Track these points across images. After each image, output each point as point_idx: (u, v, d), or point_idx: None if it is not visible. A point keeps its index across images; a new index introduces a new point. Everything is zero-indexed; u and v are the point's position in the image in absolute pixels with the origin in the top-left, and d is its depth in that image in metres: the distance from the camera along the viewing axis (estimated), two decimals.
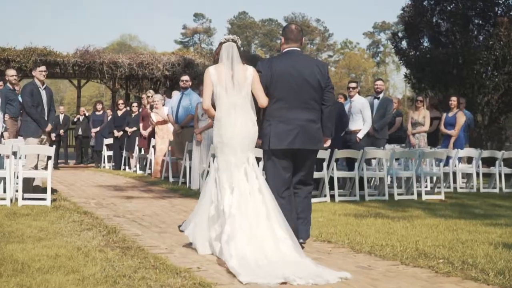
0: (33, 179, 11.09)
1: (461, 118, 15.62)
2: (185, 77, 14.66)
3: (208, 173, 8.22)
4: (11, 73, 12.94)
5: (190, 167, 13.64)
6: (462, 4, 24.56)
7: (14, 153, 10.26)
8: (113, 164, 20.27)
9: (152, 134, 17.15)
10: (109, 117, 21.05)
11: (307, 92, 6.94)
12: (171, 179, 15.10)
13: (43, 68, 11.19)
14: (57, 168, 21.13)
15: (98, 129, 21.23)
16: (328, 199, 11.83)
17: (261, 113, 7.07)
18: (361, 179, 12.39)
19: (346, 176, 12.70)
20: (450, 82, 23.99)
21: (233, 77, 6.68)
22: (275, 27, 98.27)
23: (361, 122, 13.09)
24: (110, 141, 20.37)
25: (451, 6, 25.13)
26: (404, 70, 27.50)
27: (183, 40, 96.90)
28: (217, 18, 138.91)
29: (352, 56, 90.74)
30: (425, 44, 26.01)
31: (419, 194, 12.80)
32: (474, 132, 21.92)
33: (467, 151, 15.37)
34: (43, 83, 11.32)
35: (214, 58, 7.05)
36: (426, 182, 14.13)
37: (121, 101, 20.68)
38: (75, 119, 23.00)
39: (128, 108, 20.10)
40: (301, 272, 5.66)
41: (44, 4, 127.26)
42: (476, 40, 24.71)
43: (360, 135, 12.98)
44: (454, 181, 14.80)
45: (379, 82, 14.59)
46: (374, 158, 13.58)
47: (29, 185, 10.95)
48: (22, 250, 6.47)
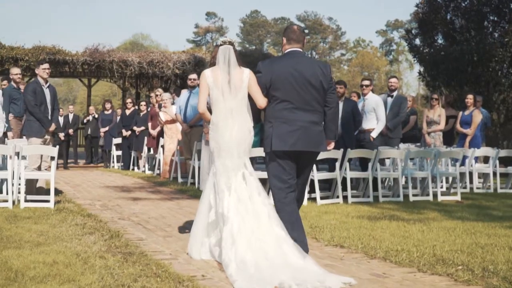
0: (37, 180, 10.79)
1: (478, 117, 15.24)
2: (193, 76, 14.26)
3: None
4: (15, 71, 12.64)
5: (199, 167, 13.30)
6: (477, 1, 24.21)
7: (17, 154, 9.96)
8: (122, 164, 20.00)
9: (161, 134, 16.84)
10: (118, 117, 20.74)
11: (309, 93, 6.75)
12: (179, 180, 14.81)
13: (46, 65, 10.89)
14: (66, 168, 20.98)
15: (107, 128, 20.94)
16: (340, 200, 11.48)
17: (261, 114, 7.00)
18: (374, 180, 12.04)
19: (359, 176, 12.33)
20: (465, 80, 23.65)
21: (230, 82, 6.57)
22: (288, 25, 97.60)
23: (374, 121, 12.70)
24: (119, 140, 20.10)
25: (466, 3, 24.78)
26: (418, 68, 27.03)
27: (195, 39, 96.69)
28: (229, 17, 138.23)
29: (365, 54, 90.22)
30: (439, 41, 25.68)
31: (434, 195, 12.42)
32: (490, 131, 21.49)
33: (484, 150, 14.93)
34: (47, 81, 11.01)
35: (211, 61, 6.93)
36: (441, 182, 13.76)
37: (129, 100, 20.36)
38: (85, 120, 22.66)
39: (136, 107, 19.79)
40: (300, 277, 5.54)
41: (56, 3, 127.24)
42: (491, 37, 24.32)
43: (374, 134, 12.59)
44: (471, 181, 14.39)
45: (393, 80, 14.19)
46: (388, 158, 13.21)
47: (32, 187, 10.67)
48: (18, 257, 6.19)
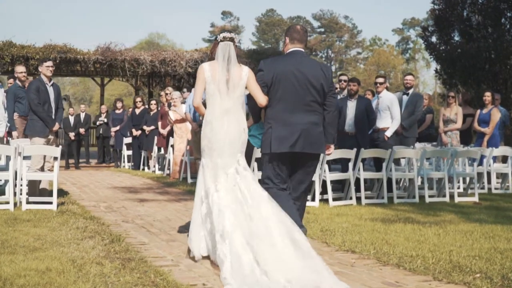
0: (40, 181, 10.48)
1: (496, 115, 14.81)
2: None
3: None
4: (20, 69, 12.34)
5: None
6: None
7: (19, 154, 9.66)
8: (132, 164, 19.70)
9: (171, 133, 16.54)
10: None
11: (310, 94, 6.75)
12: (189, 180, 14.53)
13: (50, 63, 10.57)
14: (78, 168, 20.78)
15: (117, 128, 20.66)
16: (354, 201, 11.11)
17: (262, 113, 6.92)
18: (389, 180, 11.64)
19: (373, 177, 11.95)
20: (482, 77, 23.25)
21: (228, 81, 6.45)
22: (303, 24, 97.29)
23: (389, 120, 12.30)
24: (129, 140, 19.83)
25: None
26: (434, 66, 26.57)
27: (211, 38, 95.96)
28: (245, 15, 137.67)
29: (381, 53, 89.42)
30: (456, 39, 25.21)
31: (451, 196, 12.03)
32: (509, 129, 20.99)
33: (502, 150, 14.45)
34: (50, 79, 10.69)
35: (209, 56, 6.82)
36: (458, 183, 13.33)
37: (138, 99, 20.07)
38: (98, 123, 22.36)
39: (146, 106, 19.51)
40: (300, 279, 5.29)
41: (71, 2, 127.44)
42: (509, 34, 23.84)
43: (388, 133, 12.18)
44: (489, 182, 13.99)
45: (409, 77, 13.76)
46: (404, 158, 12.81)
47: (35, 188, 10.38)
48: (10, 263, 5.89)
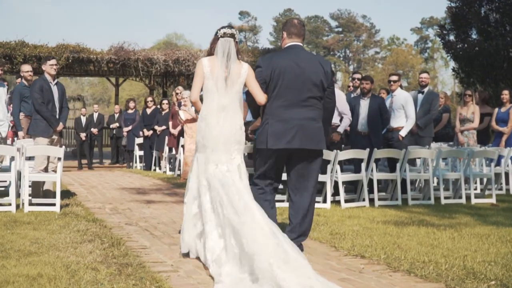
0: (44, 182, 10.23)
1: None
2: None
3: None
4: (26, 68, 12.10)
5: None
6: None
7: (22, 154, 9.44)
8: (144, 164, 19.47)
9: (182, 133, 16.26)
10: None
11: (308, 89, 6.56)
12: None
13: (53, 61, 10.31)
14: (91, 168, 20.60)
15: (130, 128, 20.44)
16: (366, 203, 10.78)
17: (261, 110, 6.78)
18: (404, 181, 11.28)
19: (386, 178, 11.61)
20: (500, 76, 22.89)
21: (227, 78, 6.34)
22: (321, 24, 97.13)
23: (403, 119, 11.93)
24: (141, 140, 19.62)
25: None
26: (452, 64, 26.16)
27: None
28: (263, 16, 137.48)
29: (399, 52, 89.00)
30: (473, 36, 24.79)
31: (468, 198, 11.70)
32: None
33: None
34: (54, 78, 10.44)
35: (208, 51, 6.61)
36: (475, 184, 12.97)
37: (149, 99, 19.86)
38: (112, 126, 22.15)
39: (158, 106, 19.28)
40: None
41: (89, 4, 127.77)
42: None
43: (403, 133, 11.82)
44: (507, 183, 13.57)
45: (424, 75, 13.40)
46: (419, 158, 12.45)
47: (38, 189, 10.13)
48: (1, 268, 5.66)
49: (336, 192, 10.84)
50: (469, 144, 13.99)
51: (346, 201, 10.77)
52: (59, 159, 9.72)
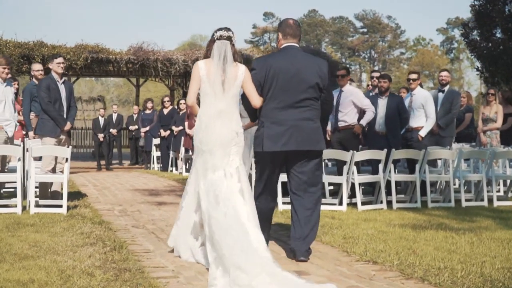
0: (51, 183, 9.99)
1: None
2: None
3: (250, 175, 8.46)
4: (36, 67, 11.89)
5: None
6: None
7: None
8: (161, 165, 19.24)
9: None
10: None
11: (303, 90, 6.47)
12: None
13: (60, 59, 10.07)
14: (109, 169, 20.42)
15: (147, 128, 20.24)
16: (384, 206, 10.44)
17: (258, 113, 6.72)
18: (424, 183, 10.89)
19: (405, 179, 11.23)
20: None
21: (224, 82, 6.22)
22: (346, 24, 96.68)
23: (423, 118, 11.53)
24: (158, 141, 19.38)
25: None
26: (477, 64, 25.69)
27: (253, 39, 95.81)
28: (287, 16, 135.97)
29: (425, 53, 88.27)
30: (498, 35, 24.24)
31: (490, 200, 11.27)
32: None
33: None
34: (62, 77, 10.20)
35: (205, 54, 6.49)
36: (498, 186, 12.55)
37: (166, 99, 19.63)
38: (132, 128, 21.98)
39: (175, 106, 19.04)
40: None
41: (114, 5, 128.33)
42: None
43: (422, 133, 11.43)
44: None
45: (444, 73, 13.00)
46: (440, 159, 12.06)
47: (46, 191, 9.89)
48: None
49: (353, 194, 10.50)
50: (492, 144, 13.54)
51: (363, 203, 10.43)
52: (66, 159, 9.50)
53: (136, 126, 21.47)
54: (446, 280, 5.45)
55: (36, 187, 10.02)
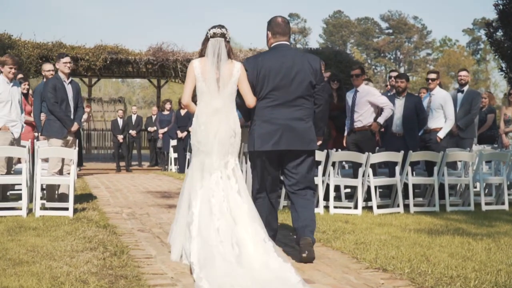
0: (59, 186, 9.79)
1: None
2: None
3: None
4: (47, 67, 11.69)
5: (246, 171, 12.10)
6: None
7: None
8: (178, 167, 19.03)
9: None
10: None
11: (295, 89, 6.44)
12: None
13: (67, 59, 9.87)
14: (129, 170, 20.28)
15: (165, 129, 20.05)
16: (401, 209, 10.10)
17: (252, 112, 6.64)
18: (442, 186, 10.54)
19: (423, 182, 10.91)
20: None
21: (219, 80, 6.19)
22: (371, 25, 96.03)
23: (442, 119, 11.21)
24: (175, 142, 19.19)
25: None
26: (501, 64, 25.12)
27: None
28: (312, 18, 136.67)
29: (451, 53, 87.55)
30: None
31: (511, 204, 10.90)
32: None
33: None
34: (69, 77, 9.99)
35: (200, 53, 6.45)
36: None
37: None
38: (150, 129, 21.82)
39: None
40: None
41: (140, 7, 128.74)
42: None
43: (441, 134, 11.09)
44: None
45: (463, 73, 12.63)
46: (460, 161, 11.70)
47: (53, 193, 9.69)
48: None
49: (368, 197, 10.19)
50: None
51: (380, 207, 10.14)
52: (74, 161, 9.31)
53: (154, 128, 21.31)
54: None
55: (44, 189, 9.83)
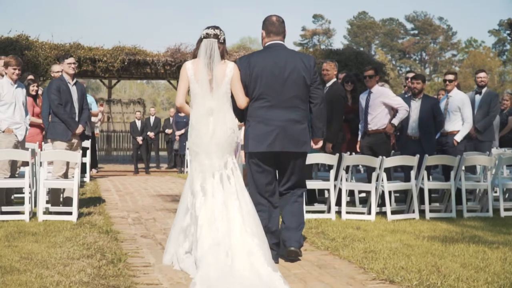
0: (63, 190, 9.56)
1: None
2: None
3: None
4: (56, 69, 11.49)
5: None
6: None
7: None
8: None
9: None
10: None
11: (289, 89, 6.38)
12: None
13: (71, 60, 9.64)
14: (147, 172, 20.09)
15: (182, 131, 19.84)
16: (416, 215, 9.75)
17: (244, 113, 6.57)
18: (459, 191, 10.17)
19: (439, 187, 10.54)
20: None
21: (212, 80, 6.14)
22: (396, 26, 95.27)
23: (459, 122, 10.88)
24: None
25: None
26: None
27: (302, 42, 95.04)
28: (337, 19, 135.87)
29: (477, 55, 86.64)
30: None
31: None
32: None
33: None
34: (73, 78, 9.76)
35: (193, 54, 6.41)
36: None
37: None
38: (167, 131, 21.64)
39: None
40: None
41: (164, 8, 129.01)
42: None
43: (458, 138, 10.75)
44: None
45: (482, 74, 12.24)
46: (479, 165, 11.33)
47: (57, 197, 9.46)
48: None
49: (383, 202, 9.86)
50: None
51: (394, 212, 9.79)
52: (78, 165, 9.09)
53: (172, 130, 21.13)
54: None
55: (49, 193, 9.64)
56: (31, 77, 12.47)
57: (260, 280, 5.39)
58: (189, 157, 6.17)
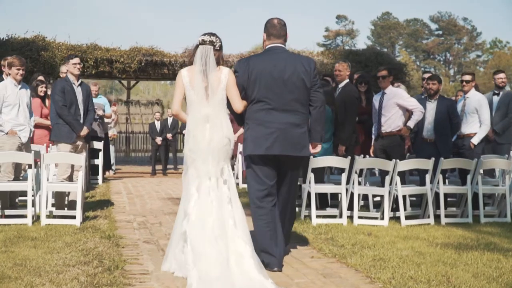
0: (68, 193, 9.37)
1: None
2: None
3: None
4: (64, 69, 11.32)
5: None
6: None
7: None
8: None
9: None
10: None
11: (289, 92, 6.35)
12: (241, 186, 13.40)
13: (76, 60, 9.45)
14: (165, 174, 19.92)
15: None
16: (431, 220, 9.43)
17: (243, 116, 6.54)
18: (477, 195, 9.83)
19: (455, 191, 10.21)
20: None
21: (207, 88, 6.09)
22: (420, 27, 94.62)
23: (477, 124, 10.51)
24: None
25: None
26: None
27: (325, 42, 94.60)
28: (360, 19, 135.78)
29: (502, 55, 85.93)
30: None
31: None
32: None
33: None
34: (78, 79, 9.56)
35: (189, 61, 6.39)
36: None
37: None
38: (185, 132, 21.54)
39: None
40: None
41: (181, 8, 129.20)
42: None
43: (475, 140, 10.39)
44: None
45: (501, 75, 11.89)
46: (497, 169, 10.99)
47: (62, 200, 9.27)
48: None
49: (396, 207, 9.56)
50: None
51: (408, 217, 9.47)
52: (83, 167, 8.89)
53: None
54: None
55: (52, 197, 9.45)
56: (40, 78, 12.30)
57: (253, 283, 5.42)
58: (184, 166, 6.09)
